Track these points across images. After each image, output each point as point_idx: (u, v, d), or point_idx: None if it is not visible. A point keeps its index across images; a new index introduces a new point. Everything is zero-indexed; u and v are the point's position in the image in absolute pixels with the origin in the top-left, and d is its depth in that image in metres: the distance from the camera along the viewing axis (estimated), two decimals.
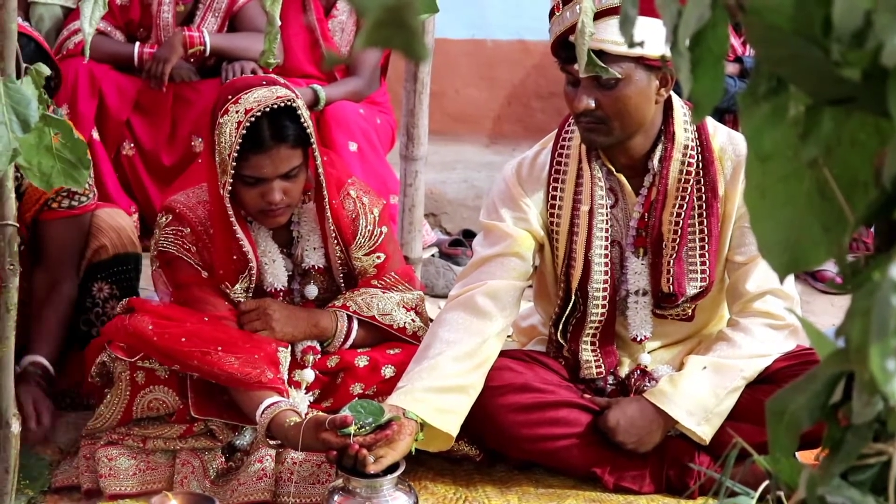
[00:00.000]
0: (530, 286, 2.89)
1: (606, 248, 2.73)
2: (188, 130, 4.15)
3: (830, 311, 3.95)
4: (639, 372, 2.81)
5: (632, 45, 1.09)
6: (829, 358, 0.98)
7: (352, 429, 2.39)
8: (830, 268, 3.96)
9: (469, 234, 4.68)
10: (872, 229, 1.07)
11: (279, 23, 1.86)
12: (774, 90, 0.96)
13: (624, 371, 2.84)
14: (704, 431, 2.64)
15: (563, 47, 2.54)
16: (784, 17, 0.90)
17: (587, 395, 2.79)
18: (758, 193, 1.02)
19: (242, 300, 2.80)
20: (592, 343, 2.78)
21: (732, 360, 2.67)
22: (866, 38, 0.83)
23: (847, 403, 0.99)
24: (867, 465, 1.00)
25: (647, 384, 2.76)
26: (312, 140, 2.70)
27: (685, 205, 2.68)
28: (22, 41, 1.96)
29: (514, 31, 5.87)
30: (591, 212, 2.70)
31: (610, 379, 2.82)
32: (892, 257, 0.83)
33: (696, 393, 2.65)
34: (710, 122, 2.72)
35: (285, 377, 2.72)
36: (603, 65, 2.05)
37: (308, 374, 2.80)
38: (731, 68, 4.50)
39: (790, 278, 2.88)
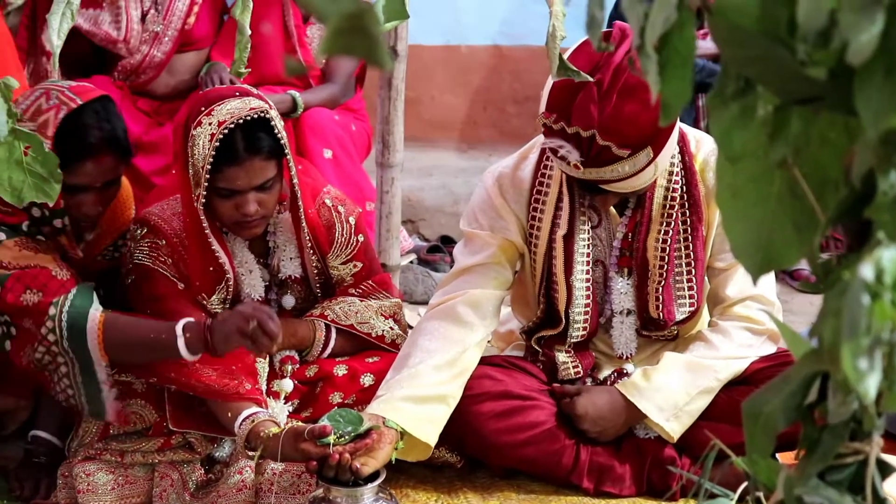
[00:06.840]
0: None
1: (588, 272, 2.72)
2: None
3: (809, 311, 3.95)
4: (616, 374, 2.81)
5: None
6: (804, 358, 0.98)
7: (331, 438, 2.38)
8: (807, 266, 3.97)
9: (447, 241, 4.66)
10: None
11: (249, 32, 1.85)
12: (742, 91, 0.96)
13: (603, 374, 2.83)
14: (673, 428, 2.65)
15: (585, 184, 2.58)
16: (749, 17, 0.90)
17: (556, 384, 2.78)
18: (729, 194, 1.02)
19: (219, 311, 2.78)
20: (568, 352, 2.79)
21: (708, 360, 2.68)
22: (831, 38, 0.83)
23: (823, 403, 0.99)
24: (844, 465, 1.00)
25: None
26: (287, 151, 2.68)
27: (670, 230, 2.68)
28: None
29: (489, 37, 5.88)
30: (570, 237, 2.70)
31: (588, 381, 2.81)
32: (862, 257, 0.83)
33: (668, 389, 2.65)
34: (693, 137, 2.69)
35: (264, 388, 2.70)
36: (575, 69, 2.05)
37: (287, 384, 2.78)
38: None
39: (772, 283, 2.89)
